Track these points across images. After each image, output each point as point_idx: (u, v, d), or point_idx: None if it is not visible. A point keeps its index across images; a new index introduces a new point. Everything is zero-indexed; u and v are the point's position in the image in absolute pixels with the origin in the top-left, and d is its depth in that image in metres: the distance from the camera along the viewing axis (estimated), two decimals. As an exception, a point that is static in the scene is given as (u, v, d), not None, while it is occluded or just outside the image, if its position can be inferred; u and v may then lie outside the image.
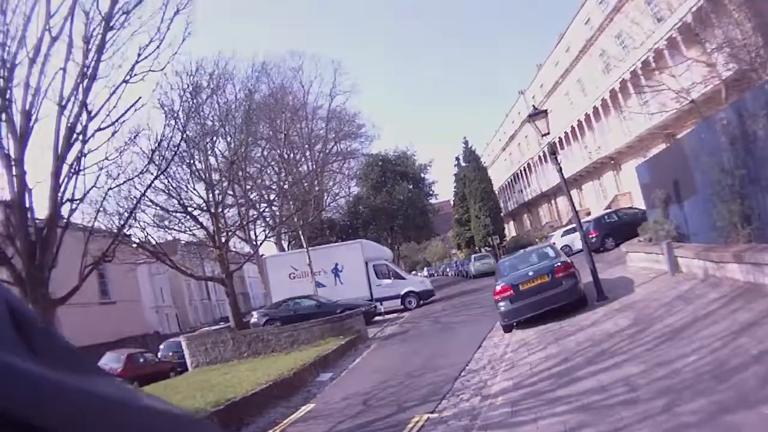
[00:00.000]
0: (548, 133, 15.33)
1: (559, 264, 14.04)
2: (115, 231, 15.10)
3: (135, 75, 12.41)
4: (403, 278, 32.53)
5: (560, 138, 50.94)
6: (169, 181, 23.72)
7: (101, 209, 14.86)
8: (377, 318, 26.62)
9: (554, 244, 33.83)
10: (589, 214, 43.56)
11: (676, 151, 15.93)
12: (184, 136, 20.26)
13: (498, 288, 14.11)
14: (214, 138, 27.11)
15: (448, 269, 72.37)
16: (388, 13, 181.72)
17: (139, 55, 12.40)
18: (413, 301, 30.89)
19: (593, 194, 49.98)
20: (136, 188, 17.49)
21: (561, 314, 13.41)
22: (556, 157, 15.49)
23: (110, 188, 14.33)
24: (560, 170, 15.46)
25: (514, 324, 14.09)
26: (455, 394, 9.64)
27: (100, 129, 11.76)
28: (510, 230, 74.34)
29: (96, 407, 0.63)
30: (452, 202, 76.62)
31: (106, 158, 12.55)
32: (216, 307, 64.22)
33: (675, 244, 14.56)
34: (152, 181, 17.55)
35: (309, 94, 37.63)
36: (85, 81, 11.31)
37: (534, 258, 15.35)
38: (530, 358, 10.24)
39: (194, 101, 21.12)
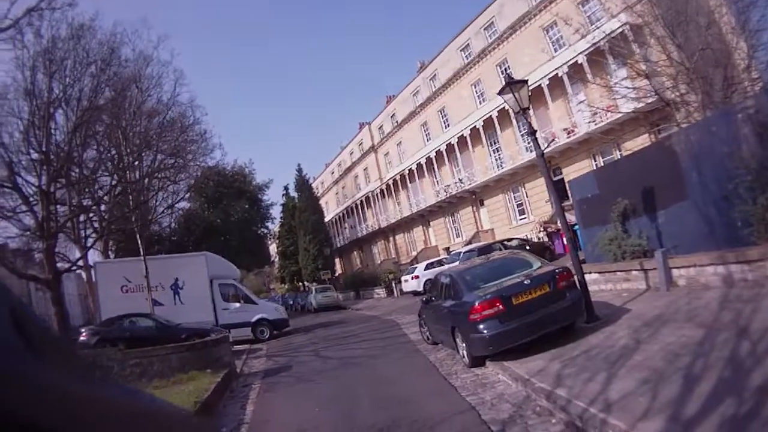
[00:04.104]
0: (528, 108, 11.84)
1: (560, 271, 10.33)
2: None
3: None
4: (255, 303, 27.03)
5: (411, 170, 48.51)
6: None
7: None
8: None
9: (417, 278, 31.69)
10: (447, 249, 41.22)
11: (652, 156, 13.70)
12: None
13: (477, 303, 9.84)
14: (57, 105, 22.33)
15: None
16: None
17: None
18: (266, 331, 25.80)
19: (444, 231, 47.62)
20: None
21: (546, 341, 9.84)
22: (535, 137, 11.90)
23: None
24: (541, 154, 11.90)
25: (488, 355, 10.08)
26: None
27: None
28: (337, 267, 70.36)
29: (97, 407, 0.63)
30: (277, 234, 71.79)
31: None
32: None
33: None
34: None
35: (147, 101, 32.42)
36: None
37: (510, 266, 11.31)
38: (619, 388, 6.22)
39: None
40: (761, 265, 9.54)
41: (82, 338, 20.74)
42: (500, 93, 11.97)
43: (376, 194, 57.84)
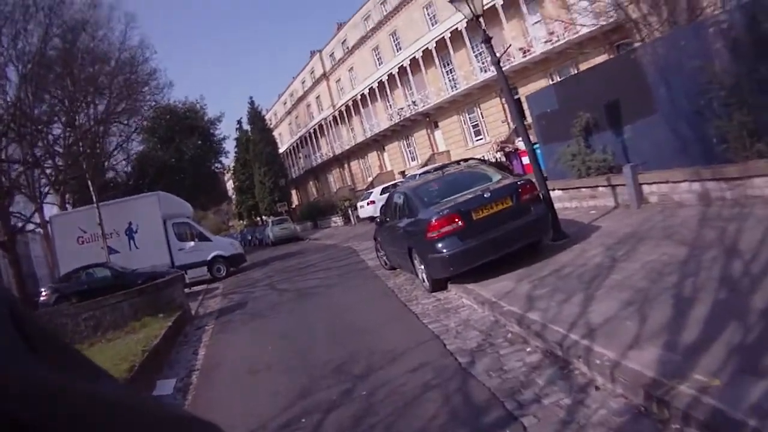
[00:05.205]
0: (482, 15, 10.84)
1: (522, 183, 9.59)
2: None
3: None
4: (209, 239, 25.95)
5: (363, 95, 47.56)
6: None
7: None
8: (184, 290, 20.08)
9: (373, 203, 30.92)
10: (403, 173, 40.55)
11: (615, 69, 12.90)
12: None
13: (434, 220, 9.03)
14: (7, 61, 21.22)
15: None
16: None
17: None
18: (222, 268, 24.93)
19: (399, 155, 47.06)
20: None
21: (511, 260, 9.19)
22: (491, 45, 10.99)
23: None
24: (497, 62, 10.99)
25: (449, 277, 9.38)
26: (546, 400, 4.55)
27: None
28: (294, 198, 69.54)
29: (97, 408, 0.62)
30: (232, 169, 70.21)
31: None
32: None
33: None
34: None
35: (98, 46, 30.82)
36: None
37: (467, 180, 10.46)
38: (600, 310, 5.42)
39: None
40: (740, 184, 9.01)
41: (42, 298, 20.23)
42: (452, 1, 10.89)
43: (329, 122, 56.93)
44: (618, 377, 4.30)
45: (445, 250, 8.93)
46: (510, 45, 24.73)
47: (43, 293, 20.57)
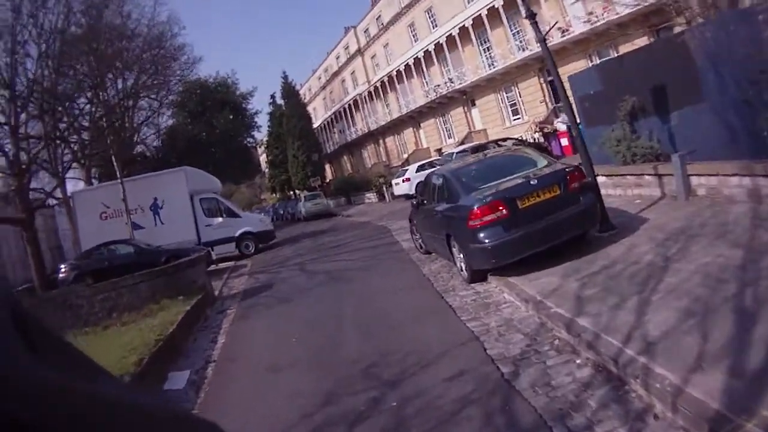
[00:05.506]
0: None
1: (571, 170, 8.99)
2: None
3: None
4: (238, 216, 25.57)
5: (399, 71, 46.89)
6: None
7: None
8: (210, 267, 19.61)
9: (408, 180, 30.49)
10: (439, 151, 39.94)
11: (661, 52, 12.12)
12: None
13: (477, 207, 8.50)
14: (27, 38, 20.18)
15: (263, 214, 65.57)
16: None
17: None
18: (251, 245, 24.62)
19: (436, 132, 46.43)
20: None
21: (556, 252, 8.68)
22: (535, 21, 10.42)
23: None
24: (543, 39, 10.42)
25: (490, 269, 8.89)
26: None
27: None
28: (327, 173, 69.22)
29: (98, 408, 0.61)
30: (265, 143, 69.82)
31: None
32: (18, 270, 51.72)
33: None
34: None
35: (124, 23, 30.52)
36: None
37: (511, 164, 9.96)
38: (657, 320, 4.89)
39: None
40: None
41: (61, 275, 19.82)
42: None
43: (365, 97, 56.20)
44: (680, 406, 3.86)
45: (487, 241, 8.43)
46: (557, 22, 23.88)
47: (62, 270, 20.22)
